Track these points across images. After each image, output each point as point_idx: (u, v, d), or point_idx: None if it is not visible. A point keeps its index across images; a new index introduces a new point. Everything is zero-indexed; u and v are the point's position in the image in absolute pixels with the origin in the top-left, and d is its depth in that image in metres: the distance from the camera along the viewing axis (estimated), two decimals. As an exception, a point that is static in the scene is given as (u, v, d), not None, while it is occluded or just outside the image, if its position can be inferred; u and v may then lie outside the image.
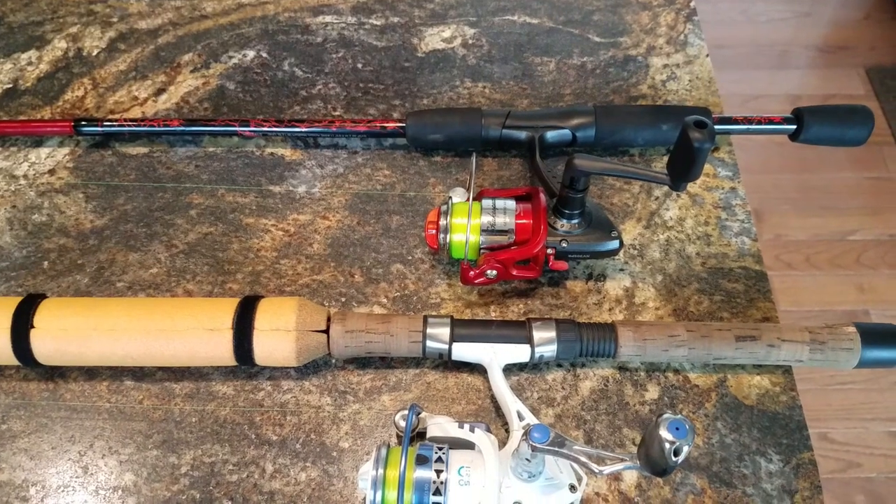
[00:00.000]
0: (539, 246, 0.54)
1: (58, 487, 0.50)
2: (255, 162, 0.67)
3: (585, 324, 0.53)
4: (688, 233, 0.62)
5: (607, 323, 0.53)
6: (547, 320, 0.53)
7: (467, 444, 0.46)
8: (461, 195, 0.56)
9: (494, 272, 0.54)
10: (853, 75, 1.86)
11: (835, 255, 1.58)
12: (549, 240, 0.54)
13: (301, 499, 0.49)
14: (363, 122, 0.66)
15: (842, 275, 1.55)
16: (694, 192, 0.65)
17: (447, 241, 0.55)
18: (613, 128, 0.64)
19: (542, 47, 0.76)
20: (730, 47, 1.93)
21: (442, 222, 0.55)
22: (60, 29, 0.77)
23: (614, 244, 0.56)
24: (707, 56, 0.75)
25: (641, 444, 0.37)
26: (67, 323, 0.51)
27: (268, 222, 0.63)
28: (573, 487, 0.44)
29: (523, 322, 0.53)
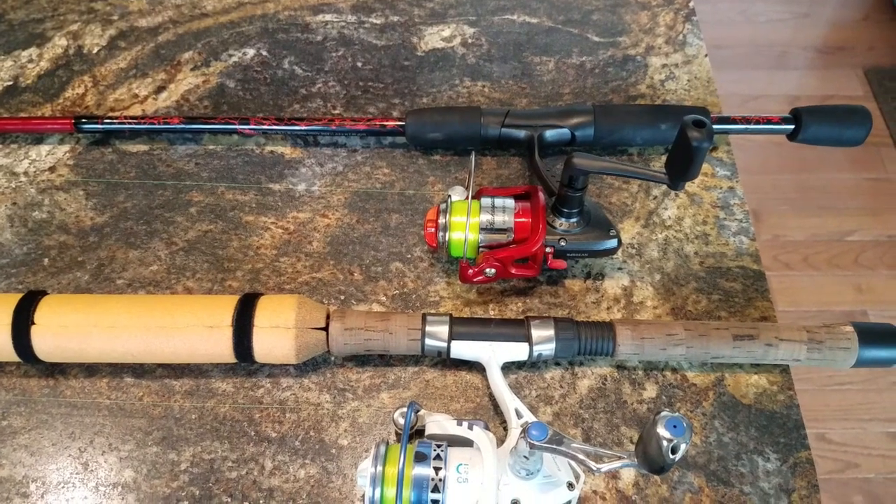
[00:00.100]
0: (538, 244, 0.54)
1: (58, 483, 0.50)
2: (254, 160, 0.67)
3: (584, 322, 0.53)
4: (686, 232, 0.63)
5: (605, 322, 0.53)
6: (545, 319, 0.53)
7: (466, 442, 0.46)
8: (460, 194, 0.56)
9: (493, 270, 0.54)
10: (852, 76, 1.87)
11: (833, 256, 1.58)
12: (547, 238, 0.55)
13: (300, 495, 0.50)
14: (363, 120, 0.66)
15: (840, 275, 1.55)
16: (692, 191, 0.65)
17: (446, 240, 0.55)
18: (612, 127, 0.65)
19: (541, 47, 0.76)
20: (728, 47, 1.93)
21: (441, 221, 0.55)
22: (61, 26, 0.77)
23: (613, 243, 0.56)
24: (706, 56, 0.75)
25: (639, 442, 0.37)
26: (68, 320, 0.51)
27: (267, 220, 0.63)
28: (571, 485, 0.44)
29: (522, 320, 0.53)
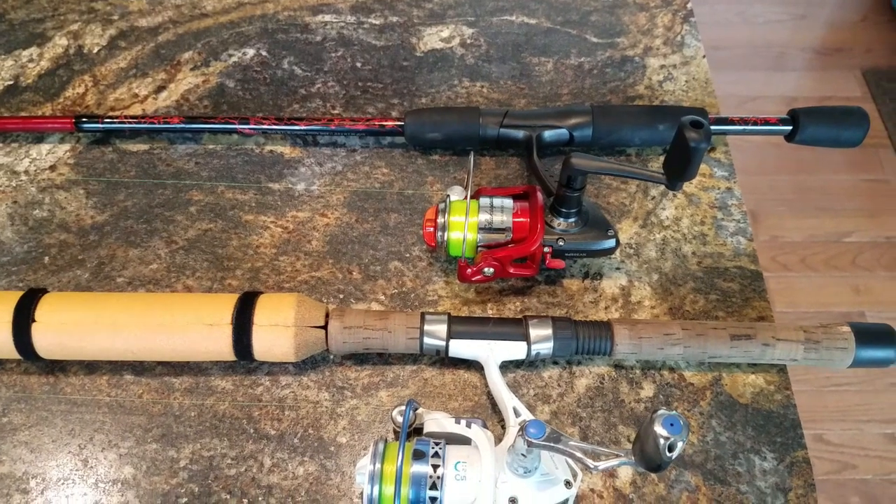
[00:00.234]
0: (536, 244, 0.54)
1: (58, 480, 0.50)
2: (254, 159, 0.67)
3: (581, 322, 0.53)
4: (684, 232, 0.63)
5: (603, 321, 0.54)
6: (543, 318, 0.53)
7: (464, 440, 0.46)
8: (459, 193, 0.56)
9: (491, 270, 0.54)
10: (849, 77, 1.87)
11: (831, 257, 1.58)
12: (545, 238, 0.55)
13: (299, 493, 0.50)
14: (362, 120, 0.66)
15: (838, 276, 1.55)
16: (690, 191, 0.65)
17: (445, 239, 0.55)
18: (610, 127, 0.65)
19: (539, 47, 0.76)
20: (726, 49, 1.93)
21: (440, 220, 0.55)
22: (61, 26, 0.77)
23: (611, 243, 0.56)
24: (704, 57, 0.75)
25: (636, 440, 0.37)
26: (68, 317, 0.51)
27: (267, 219, 0.63)
28: (568, 483, 0.45)
29: (520, 320, 0.53)
